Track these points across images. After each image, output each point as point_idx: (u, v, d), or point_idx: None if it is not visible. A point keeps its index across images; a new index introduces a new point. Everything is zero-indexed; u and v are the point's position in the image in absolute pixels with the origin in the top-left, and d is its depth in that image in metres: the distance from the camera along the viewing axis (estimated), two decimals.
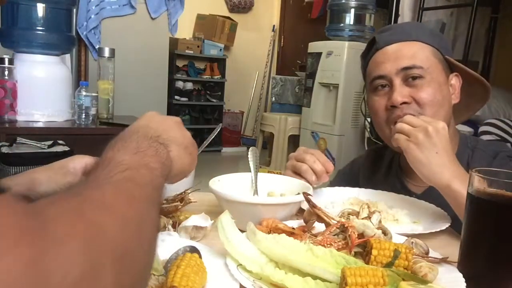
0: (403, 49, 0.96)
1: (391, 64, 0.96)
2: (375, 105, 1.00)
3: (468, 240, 0.63)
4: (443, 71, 0.98)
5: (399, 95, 0.94)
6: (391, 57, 0.97)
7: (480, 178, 0.62)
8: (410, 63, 0.94)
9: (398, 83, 0.95)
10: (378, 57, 0.99)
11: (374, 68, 1.00)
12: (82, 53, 3.59)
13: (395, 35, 0.99)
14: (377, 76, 0.98)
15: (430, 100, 0.94)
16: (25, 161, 1.70)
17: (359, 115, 3.57)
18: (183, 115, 5.35)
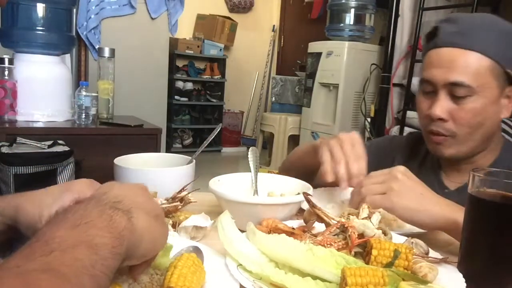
0: (459, 60, 0.90)
1: (442, 73, 0.91)
2: (420, 106, 0.98)
3: (468, 240, 0.63)
4: (497, 88, 0.91)
5: (438, 109, 0.92)
6: (444, 64, 0.91)
7: (480, 179, 0.62)
8: (460, 79, 0.89)
9: (443, 96, 0.92)
10: (433, 57, 0.94)
11: (426, 68, 0.95)
12: (82, 53, 3.59)
13: (458, 36, 0.91)
14: (425, 80, 0.95)
15: (468, 122, 0.91)
16: (25, 161, 1.70)
17: (359, 115, 3.57)
18: (183, 115, 5.35)
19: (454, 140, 0.94)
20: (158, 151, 2.22)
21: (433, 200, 0.77)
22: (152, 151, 1.75)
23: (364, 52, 3.55)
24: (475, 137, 0.94)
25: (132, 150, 1.06)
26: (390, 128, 3.19)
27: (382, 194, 0.77)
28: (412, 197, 0.76)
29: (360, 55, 3.52)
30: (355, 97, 3.57)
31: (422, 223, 0.76)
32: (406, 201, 0.75)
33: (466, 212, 0.64)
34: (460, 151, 0.95)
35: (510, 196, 0.60)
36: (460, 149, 0.95)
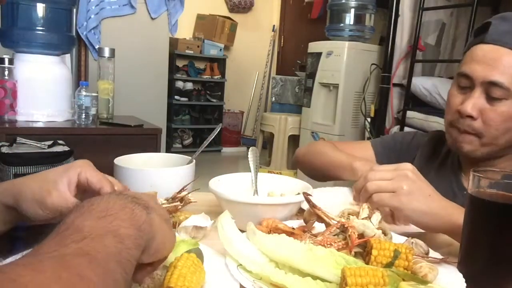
0: (504, 59, 0.87)
1: (483, 69, 0.89)
2: (451, 99, 0.96)
3: (468, 240, 0.63)
4: None
5: (469, 106, 0.90)
6: (488, 61, 0.88)
7: (480, 179, 0.62)
8: (500, 79, 0.86)
9: (478, 94, 0.90)
10: (478, 52, 0.91)
11: (467, 62, 0.93)
12: (82, 53, 3.59)
13: (509, 35, 0.88)
14: (464, 73, 0.92)
15: (497, 125, 0.89)
16: (25, 161, 1.70)
17: (359, 115, 3.57)
18: (183, 115, 5.35)
19: (477, 140, 0.92)
20: (158, 151, 2.22)
21: (440, 203, 0.75)
22: (152, 151, 1.75)
23: (364, 52, 3.55)
24: (499, 141, 0.92)
25: (132, 150, 1.06)
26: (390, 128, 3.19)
27: (390, 193, 0.74)
28: (421, 199, 0.73)
29: (360, 55, 3.52)
30: (355, 97, 3.57)
31: (429, 226, 0.75)
32: (415, 203, 0.73)
33: (466, 212, 0.64)
34: (479, 150, 0.93)
35: (510, 196, 0.60)
36: (481, 149, 0.93)
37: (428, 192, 0.75)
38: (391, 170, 0.76)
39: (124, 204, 0.42)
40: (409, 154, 1.11)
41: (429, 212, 0.73)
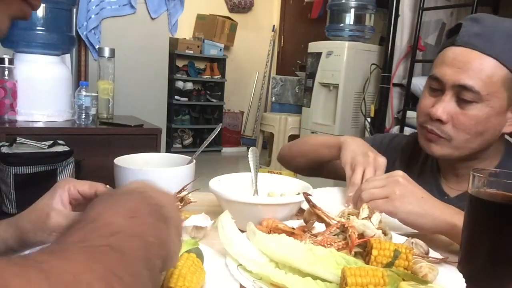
0: (474, 63, 0.86)
1: (453, 73, 0.88)
2: (422, 101, 0.96)
3: (468, 240, 0.63)
4: (505, 100, 0.88)
5: (440, 110, 0.89)
6: (457, 64, 0.88)
7: (480, 179, 0.62)
8: (470, 83, 0.85)
9: (448, 97, 0.89)
10: (448, 54, 0.90)
11: (438, 65, 0.92)
12: (82, 53, 3.59)
13: (478, 38, 0.87)
14: (434, 77, 0.92)
15: (467, 129, 0.89)
16: (25, 161, 1.70)
17: (359, 115, 3.57)
18: (183, 115, 5.35)
19: (448, 143, 0.92)
20: (158, 151, 2.22)
21: (433, 204, 0.77)
22: (152, 151, 1.75)
23: (364, 52, 3.55)
24: (471, 145, 0.91)
25: (132, 150, 1.06)
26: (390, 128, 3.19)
27: (384, 199, 0.77)
28: (414, 202, 0.76)
29: (360, 55, 3.52)
30: (355, 97, 3.57)
31: (424, 227, 0.76)
32: (409, 206, 0.75)
33: (466, 212, 0.64)
34: (452, 155, 0.93)
35: (510, 196, 0.60)
36: (453, 153, 0.93)
37: (420, 195, 0.77)
38: (383, 178, 0.81)
39: (150, 210, 0.40)
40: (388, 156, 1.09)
41: (423, 213, 0.75)
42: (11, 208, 1.71)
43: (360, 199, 0.78)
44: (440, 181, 1.02)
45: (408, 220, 0.76)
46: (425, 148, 0.97)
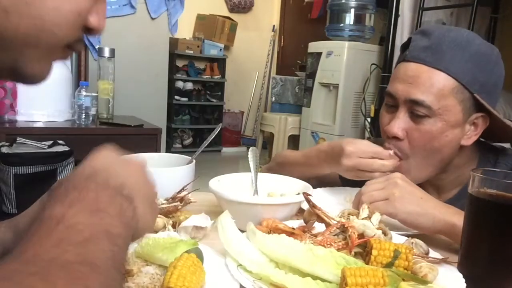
0: (423, 77, 0.85)
1: (404, 88, 0.87)
2: (381, 118, 0.95)
3: (468, 240, 0.63)
4: (460, 112, 0.86)
5: (395, 127, 0.88)
6: (409, 80, 0.87)
7: (480, 179, 0.62)
8: (421, 98, 0.84)
9: (402, 113, 0.88)
10: (400, 70, 0.90)
11: (392, 81, 0.92)
12: (82, 53, 3.59)
13: (427, 52, 0.86)
14: (388, 93, 0.91)
15: (422, 144, 0.87)
16: (25, 161, 1.70)
17: (359, 115, 3.57)
18: (183, 115, 5.36)
19: (408, 165, 0.89)
20: (158, 151, 2.22)
21: (433, 203, 0.78)
22: (152, 151, 1.75)
23: (364, 52, 3.55)
24: (430, 162, 0.89)
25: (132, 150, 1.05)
26: None
27: (384, 200, 0.77)
28: (413, 202, 0.77)
29: (360, 55, 3.52)
30: (355, 97, 3.57)
31: (424, 227, 0.77)
32: (409, 206, 0.76)
33: (466, 212, 0.64)
34: (417, 177, 0.89)
35: (510, 196, 0.60)
36: (417, 175, 0.89)
37: (419, 195, 0.78)
38: (382, 181, 0.81)
39: (112, 197, 0.40)
40: None
41: (423, 213, 0.76)
42: (11, 208, 1.71)
43: (361, 203, 0.78)
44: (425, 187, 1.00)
45: (408, 220, 0.77)
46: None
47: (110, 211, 0.38)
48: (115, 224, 0.38)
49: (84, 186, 0.39)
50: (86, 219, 0.36)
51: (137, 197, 0.43)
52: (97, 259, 0.34)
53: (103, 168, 0.43)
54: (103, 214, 0.37)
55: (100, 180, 0.41)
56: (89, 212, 0.37)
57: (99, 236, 0.36)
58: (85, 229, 0.35)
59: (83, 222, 0.36)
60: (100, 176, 0.41)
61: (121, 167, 0.45)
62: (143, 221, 0.44)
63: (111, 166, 0.44)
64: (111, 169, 0.43)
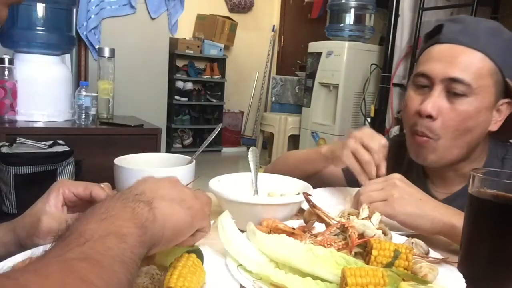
0: (461, 56, 0.86)
1: (442, 67, 0.87)
2: (408, 102, 0.94)
3: (468, 241, 0.63)
4: (493, 95, 0.88)
5: (429, 105, 0.87)
6: (445, 59, 0.87)
7: (480, 179, 0.62)
8: (461, 76, 0.85)
9: (438, 92, 0.88)
10: (434, 51, 0.90)
11: (424, 62, 0.91)
12: (82, 53, 3.59)
13: (463, 34, 0.88)
14: (422, 73, 0.90)
15: (457, 124, 0.87)
16: (25, 161, 1.70)
17: (359, 115, 3.57)
18: (183, 115, 5.35)
19: (437, 145, 0.89)
20: (158, 151, 2.22)
21: (432, 205, 0.78)
22: (152, 151, 1.75)
23: (364, 52, 3.55)
24: (459, 144, 0.89)
25: (132, 150, 1.05)
26: (390, 128, 3.19)
27: (382, 201, 0.77)
28: (412, 203, 0.76)
29: (360, 55, 3.53)
30: (355, 97, 3.57)
31: (423, 228, 0.76)
32: (407, 208, 0.76)
33: (466, 212, 0.64)
34: (443, 158, 0.91)
35: (510, 196, 0.60)
36: (443, 156, 0.90)
37: (418, 196, 0.78)
38: (381, 181, 0.81)
39: (124, 204, 0.43)
40: None
41: (422, 215, 0.76)
42: (11, 208, 1.71)
43: (360, 203, 0.79)
44: (427, 184, 1.01)
45: (407, 221, 0.77)
46: (416, 156, 0.94)
47: (122, 216, 0.41)
48: (126, 225, 0.40)
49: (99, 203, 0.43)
50: (95, 225, 0.39)
51: (158, 200, 0.46)
52: (101, 256, 0.35)
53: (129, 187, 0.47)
54: (114, 219, 0.40)
55: (118, 195, 0.45)
56: (99, 220, 0.39)
57: (107, 236, 0.37)
58: (93, 232, 0.37)
59: (91, 228, 0.38)
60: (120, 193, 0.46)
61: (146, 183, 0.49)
62: (171, 218, 0.46)
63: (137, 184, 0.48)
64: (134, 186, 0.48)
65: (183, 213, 0.48)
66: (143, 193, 0.46)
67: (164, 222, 0.45)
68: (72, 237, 0.37)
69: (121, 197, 0.44)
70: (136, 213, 0.42)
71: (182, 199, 0.49)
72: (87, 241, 0.36)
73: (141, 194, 0.45)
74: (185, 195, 0.50)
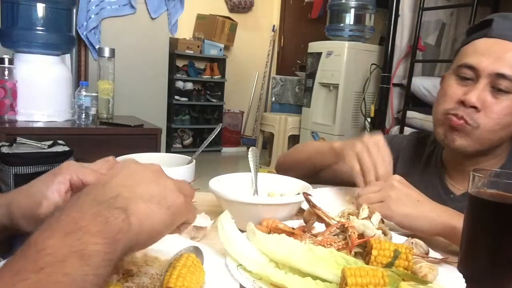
0: (510, 53, 0.87)
1: (490, 62, 0.87)
2: (450, 90, 0.93)
3: (468, 240, 0.63)
4: None
5: (475, 96, 0.87)
6: (494, 54, 0.88)
7: (480, 179, 0.62)
8: (507, 72, 0.86)
9: (483, 85, 0.88)
10: (482, 45, 0.90)
11: (470, 54, 0.91)
12: (82, 53, 3.59)
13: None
14: (468, 65, 0.90)
15: (499, 118, 0.88)
16: (25, 161, 1.70)
17: (359, 115, 3.57)
18: (183, 115, 5.36)
19: (472, 132, 0.89)
20: (158, 151, 2.22)
21: (430, 206, 0.78)
22: (152, 151, 1.75)
23: (364, 52, 3.55)
24: (493, 137, 0.90)
25: (132, 150, 1.05)
26: (390, 128, 3.19)
27: (380, 203, 0.78)
28: (409, 204, 0.77)
29: (360, 55, 3.52)
30: (355, 97, 3.57)
31: (421, 229, 0.76)
32: (404, 208, 0.76)
33: (466, 212, 0.64)
34: (471, 146, 0.91)
35: (510, 196, 0.60)
36: (473, 144, 0.90)
37: (416, 198, 0.78)
38: (380, 183, 0.82)
39: (97, 212, 0.39)
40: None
41: (419, 216, 0.76)
42: None
43: (357, 204, 0.79)
44: (445, 179, 1.01)
45: (405, 222, 0.77)
46: (445, 138, 0.93)
47: (91, 228, 0.37)
48: (93, 241, 0.36)
49: (70, 206, 0.39)
50: (57, 242, 0.35)
51: (135, 202, 0.42)
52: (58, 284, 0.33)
53: (104, 181, 0.43)
54: (82, 233, 0.36)
55: (91, 197, 0.41)
56: (63, 234, 0.36)
57: (69, 258, 0.34)
58: (52, 253, 0.34)
59: (52, 246, 0.35)
60: (93, 192, 0.41)
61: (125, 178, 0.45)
62: (148, 221, 0.43)
63: (113, 178, 0.44)
64: (110, 182, 0.43)
65: (162, 215, 0.45)
66: (119, 195, 0.42)
67: (141, 227, 0.42)
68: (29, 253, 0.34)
69: (95, 200, 0.40)
70: (109, 224, 0.38)
71: (163, 196, 0.45)
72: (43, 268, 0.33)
73: (116, 197, 0.41)
74: (166, 190, 0.46)
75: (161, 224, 0.45)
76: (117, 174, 0.45)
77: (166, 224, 0.46)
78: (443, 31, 3.30)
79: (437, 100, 0.98)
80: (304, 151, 1.17)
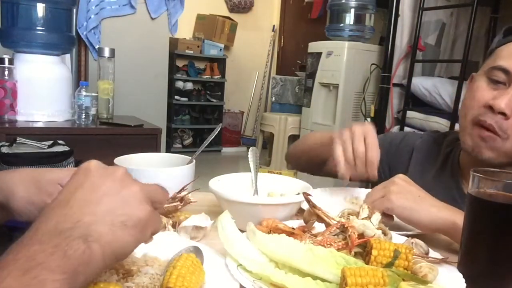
0: None
1: None
2: (477, 93, 0.88)
3: (468, 240, 0.63)
4: None
5: (504, 101, 0.83)
6: None
7: (480, 179, 0.62)
8: None
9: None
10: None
11: (505, 57, 0.86)
12: (82, 53, 3.59)
13: None
14: (501, 68, 0.86)
15: None
16: (25, 161, 1.70)
17: (359, 115, 3.57)
18: (183, 115, 5.36)
19: (502, 144, 0.85)
20: (158, 151, 2.22)
21: (431, 201, 0.77)
22: (152, 151, 1.75)
23: (364, 52, 3.55)
24: None
25: (132, 150, 1.06)
26: (390, 128, 3.19)
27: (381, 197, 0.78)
28: (410, 198, 0.77)
29: (360, 55, 3.52)
30: (355, 97, 3.57)
31: (420, 223, 0.76)
32: (404, 201, 0.76)
33: (466, 212, 0.64)
34: (499, 158, 0.87)
35: (510, 196, 0.60)
36: (501, 156, 0.87)
37: (417, 194, 0.78)
38: (384, 183, 0.82)
39: (56, 245, 0.37)
40: (400, 155, 1.08)
41: (419, 209, 0.75)
42: None
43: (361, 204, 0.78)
44: (461, 183, 0.98)
45: (404, 214, 0.76)
46: (472, 149, 0.89)
47: (50, 263, 0.36)
48: (52, 278, 0.36)
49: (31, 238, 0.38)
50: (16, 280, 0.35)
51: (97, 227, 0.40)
52: None
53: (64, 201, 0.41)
54: (39, 270, 0.36)
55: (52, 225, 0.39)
56: (22, 271, 0.35)
57: None
58: None
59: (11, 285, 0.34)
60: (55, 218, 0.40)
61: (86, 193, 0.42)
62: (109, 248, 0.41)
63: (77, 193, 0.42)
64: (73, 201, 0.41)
65: (126, 237, 0.42)
66: (79, 221, 0.39)
67: (104, 254, 0.40)
68: None
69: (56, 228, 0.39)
70: (67, 257, 0.37)
71: (127, 214, 0.42)
72: None
73: (77, 223, 0.39)
74: (130, 205, 0.43)
75: (126, 247, 0.43)
76: (77, 188, 0.42)
77: (131, 245, 0.44)
78: (443, 31, 3.30)
79: (463, 101, 0.93)
80: (308, 142, 1.17)
